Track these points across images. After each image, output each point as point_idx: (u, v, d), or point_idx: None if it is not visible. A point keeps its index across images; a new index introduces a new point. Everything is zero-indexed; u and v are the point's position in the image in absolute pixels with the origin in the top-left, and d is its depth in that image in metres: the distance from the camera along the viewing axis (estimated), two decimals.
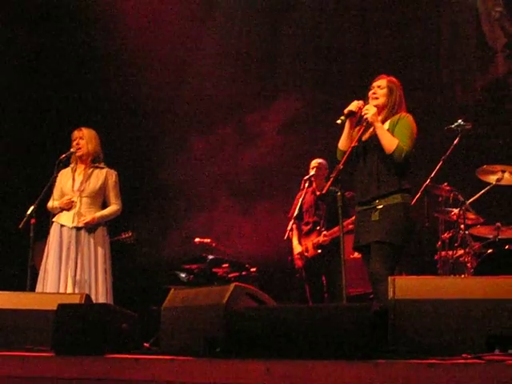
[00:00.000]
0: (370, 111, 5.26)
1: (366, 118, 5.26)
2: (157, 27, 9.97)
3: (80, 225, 6.63)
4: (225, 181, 9.87)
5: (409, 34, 9.59)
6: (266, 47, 10.22)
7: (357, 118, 5.40)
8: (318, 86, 9.77)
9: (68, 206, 6.69)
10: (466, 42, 9.52)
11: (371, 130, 5.36)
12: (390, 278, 3.96)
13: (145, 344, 6.23)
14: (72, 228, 6.62)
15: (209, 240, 8.68)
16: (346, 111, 5.35)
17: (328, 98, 9.53)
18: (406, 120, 5.32)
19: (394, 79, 5.47)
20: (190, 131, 9.99)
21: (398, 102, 5.39)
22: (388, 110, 5.37)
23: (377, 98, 5.40)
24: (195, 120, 10.18)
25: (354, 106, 5.36)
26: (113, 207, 6.83)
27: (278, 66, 10.17)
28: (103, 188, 6.81)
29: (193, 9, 10.23)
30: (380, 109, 5.37)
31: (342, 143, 5.44)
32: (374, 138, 5.29)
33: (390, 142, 5.18)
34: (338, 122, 5.34)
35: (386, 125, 5.32)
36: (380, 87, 5.41)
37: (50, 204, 6.77)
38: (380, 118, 5.35)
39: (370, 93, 5.44)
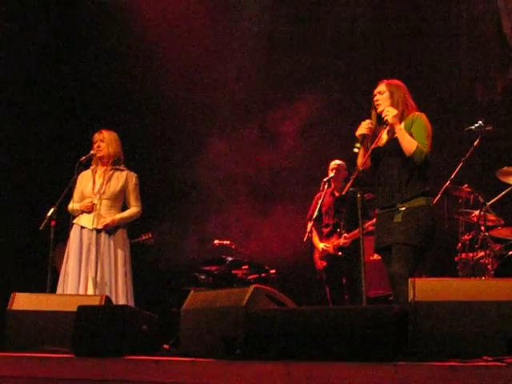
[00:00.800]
0: (390, 113, 5.25)
1: (387, 120, 5.25)
2: (178, 28, 9.99)
3: (100, 227, 6.64)
4: (244, 182, 9.86)
5: (428, 34, 9.55)
6: (286, 47, 10.20)
7: (369, 138, 5.38)
8: (338, 87, 9.74)
9: (89, 209, 6.70)
10: (487, 43, 9.46)
11: (388, 132, 5.37)
12: (410, 280, 3.95)
13: (164, 346, 6.23)
14: (92, 230, 6.64)
15: (228, 242, 8.68)
16: (358, 136, 5.34)
17: (348, 99, 9.50)
18: (421, 120, 5.32)
19: (393, 81, 5.47)
20: (209, 132, 9.98)
21: (402, 102, 5.37)
22: (398, 111, 5.36)
23: (380, 104, 5.40)
24: (214, 121, 10.18)
25: (364, 129, 5.35)
26: (133, 209, 6.85)
27: (298, 67, 10.14)
28: (123, 190, 6.83)
29: (214, 9, 10.23)
30: None
31: (361, 163, 5.42)
32: (395, 141, 5.28)
33: (409, 144, 5.18)
34: (356, 150, 5.34)
35: (401, 126, 5.31)
36: (380, 93, 5.44)
37: (71, 206, 6.80)
38: None
39: (373, 101, 5.45)
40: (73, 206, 6.78)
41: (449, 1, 9.56)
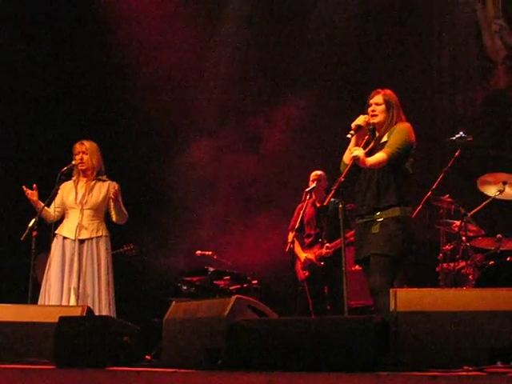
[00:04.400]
0: (359, 154, 5.21)
1: (358, 160, 5.22)
2: (158, 34, 9.97)
3: (82, 237, 6.61)
4: (226, 192, 9.86)
5: (410, 45, 9.61)
6: (271, 53, 10.22)
7: (363, 132, 5.40)
8: (322, 95, 9.77)
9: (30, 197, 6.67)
10: (467, 54, 9.54)
11: (372, 144, 5.39)
12: (391, 291, 3.96)
13: (146, 356, 6.21)
14: (75, 240, 6.61)
15: (210, 252, 8.67)
16: (353, 126, 5.36)
17: (332, 107, 9.54)
18: (401, 126, 5.34)
19: (388, 92, 5.49)
20: (190, 140, 9.96)
21: (396, 115, 5.41)
22: (387, 124, 5.40)
23: (376, 115, 5.42)
24: (195, 129, 10.15)
25: (361, 120, 5.38)
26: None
27: (282, 72, 10.16)
28: (106, 200, 6.79)
29: (197, 11, 10.23)
30: (380, 124, 5.41)
31: (347, 156, 5.44)
32: (374, 151, 5.31)
33: (380, 162, 5.20)
34: (349, 136, 5.36)
35: (385, 137, 5.35)
36: (378, 104, 5.43)
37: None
38: (380, 132, 5.40)
39: (369, 110, 5.46)
40: (54, 213, 6.74)
41: (430, 13, 9.63)
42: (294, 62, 10.13)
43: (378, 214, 5.24)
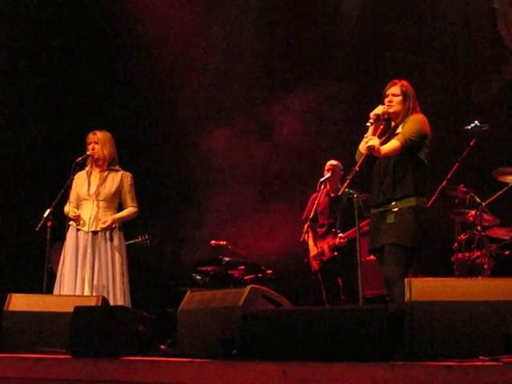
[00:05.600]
0: (374, 144, 5.21)
1: (372, 149, 5.21)
2: (171, 19, 9.95)
3: (98, 229, 6.62)
4: (241, 182, 9.85)
5: (425, 33, 9.57)
6: (285, 42, 10.18)
7: (381, 122, 5.40)
8: (336, 83, 9.73)
9: (74, 218, 6.68)
10: (482, 43, 9.48)
11: (387, 135, 5.39)
12: (406, 280, 3.95)
13: (161, 346, 6.23)
14: (88, 232, 6.62)
15: (225, 242, 8.68)
16: (372, 115, 5.36)
17: (346, 97, 9.51)
18: (415, 116, 5.36)
19: (405, 83, 5.50)
20: (203, 131, 9.95)
21: (412, 106, 5.41)
22: (403, 115, 5.40)
23: (392, 106, 5.42)
24: (210, 120, 10.15)
25: (380, 110, 5.38)
26: (130, 209, 6.82)
27: (297, 62, 10.13)
28: (119, 191, 6.79)
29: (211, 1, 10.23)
30: (396, 115, 5.40)
31: (363, 145, 5.42)
32: (389, 141, 5.30)
33: (393, 149, 5.21)
34: (368, 124, 5.36)
35: (400, 128, 5.34)
36: (395, 95, 5.44)
37: (67, 208, 6.76)
38: (395, 122, 5.39)
39: (386, 100, 5.45)
40: (69, 207, 6.75)
41: (445, 2, 9.57)
42: (309, 51, 10.09)
43: (393, 203, 5.25)
